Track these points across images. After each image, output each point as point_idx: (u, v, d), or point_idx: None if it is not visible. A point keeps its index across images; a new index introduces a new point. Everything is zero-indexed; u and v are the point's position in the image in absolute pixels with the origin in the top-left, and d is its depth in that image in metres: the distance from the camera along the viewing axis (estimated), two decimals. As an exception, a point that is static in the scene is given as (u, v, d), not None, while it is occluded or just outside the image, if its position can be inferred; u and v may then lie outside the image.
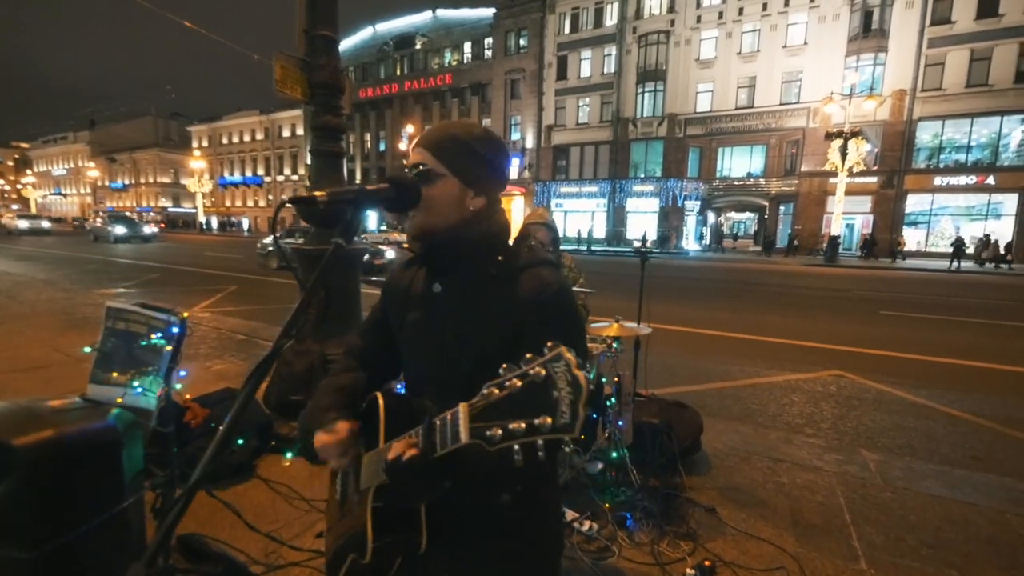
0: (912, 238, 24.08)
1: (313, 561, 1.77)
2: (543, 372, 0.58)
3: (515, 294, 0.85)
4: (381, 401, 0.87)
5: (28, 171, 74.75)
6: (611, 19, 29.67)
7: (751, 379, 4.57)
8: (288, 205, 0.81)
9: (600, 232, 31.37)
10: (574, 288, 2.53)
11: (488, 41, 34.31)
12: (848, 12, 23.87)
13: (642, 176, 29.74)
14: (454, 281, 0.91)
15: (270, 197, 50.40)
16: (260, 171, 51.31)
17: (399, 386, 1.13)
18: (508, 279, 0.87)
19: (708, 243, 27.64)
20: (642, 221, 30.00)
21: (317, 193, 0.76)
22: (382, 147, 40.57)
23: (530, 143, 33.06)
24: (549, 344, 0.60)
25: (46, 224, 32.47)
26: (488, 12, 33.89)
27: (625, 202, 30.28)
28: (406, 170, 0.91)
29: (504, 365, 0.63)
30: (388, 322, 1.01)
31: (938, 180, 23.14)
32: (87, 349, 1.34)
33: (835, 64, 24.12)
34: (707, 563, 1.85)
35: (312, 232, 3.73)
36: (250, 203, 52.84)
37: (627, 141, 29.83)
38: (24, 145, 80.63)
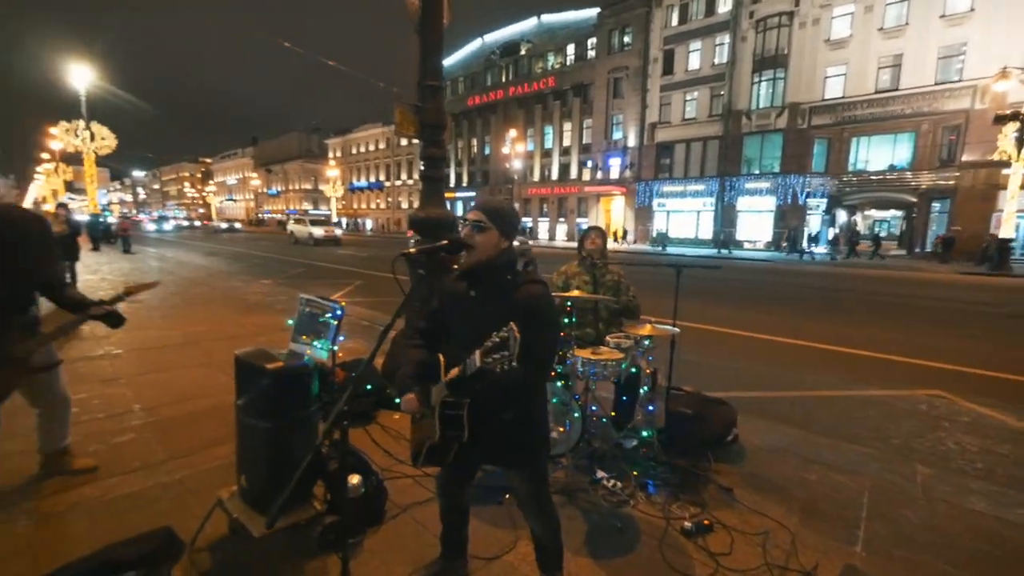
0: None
1: (406, 470, 2.58)
2: (505, 334, 1.26)
3: (514, 299, 1.51)
4: (442, 358, 1.59)
5: (210, 181, 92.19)
6: (724, 6, 27.91)
7: (827, 391, 4.53)
8: (408, 248, 1.57)
9: (706, 233, 29.77)
10: (606, 294, 3.05)
11: (591, 42, 34.36)
12: (1033, -34, 19.68)
13: (756, 172, 27.59)
14: (482, 290, 1.59)
15: (388, 199, 56.02)
16: (382, 177, 57.27)
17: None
18: (512, 290, 1.53)
19: (837, 245, 24.38)
20: (755, 221, 27.84)
21: (411, 249, 1.50)
22: (486, 151, 42.70)
23: (632, 142, 32.48)
24: (511, 324, 1.27)
25: (238, 225, 44.10)
26: (592, 13, 33.96)
27: (736, 201, 28.34)
28: (464, 220, 1.61)
29: (494, 332, 1.31)
30: (443, 313, 1.71)
31: None
32: (289, 322, 2.25)
33: (1012, 33, 20.04)
34: (706, 522, 2.27)
35: (418, 240, 4.66)
36: (372, 205, 59.26)
37: (739, 135, 27.88)
38: (208, 160, 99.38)
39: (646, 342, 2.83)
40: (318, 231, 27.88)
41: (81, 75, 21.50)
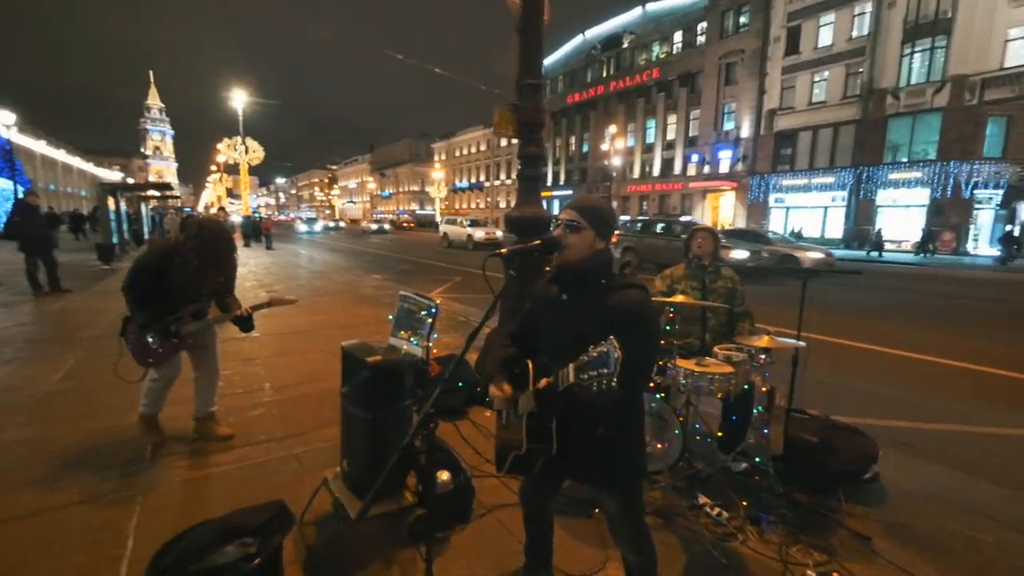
0: None
1: (493, 470, 2.56)
2: (604, 349, 1.14)
3: (609, 305, 1.37)
4: (531, 365, 1.51)
5: (335, 186, 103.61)
6: (867, -31, 24.20)
7: (1003, 428, 3.66)
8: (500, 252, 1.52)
9: (834, 231, 26.18)
10: (716, 302, 2.75)
11: (701, 26, 32.05)
12: None
13: (904, 160, 23.53)
14: (574, 294, 1.47)
15: (487, 199, 57.95)
16: (482, 177, 59.45)
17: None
18: (607, 294, 1.39)
19: (1017, 247, 19.79)
20: (900, 218, 23.77)
21: (503, 250, 1.45)
22: (584, 148, 42.08)
23: (745, 132, 29.71)
24: (610, 338, 1.14)
25: (387, 227, 47.26)
26: (703, -4, 31.66)
27: (875, 194, 24.48)
28: (557, 220, 1.52)
29: (591, 345, 1.19)
30: (534, 317, 1.63)
31: None
32: (390, 317, 2.36)
33: None
34: (835, 574, 1.92)
35: (512, 239, 4.67)
36: (472, 205, 61.77)
37: (882, 118, 24.01)
38: (333, 167, 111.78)
39: (763, 356, 2.49)
40: (478, 233, 23.55)
41: (239, 97, 25.42)
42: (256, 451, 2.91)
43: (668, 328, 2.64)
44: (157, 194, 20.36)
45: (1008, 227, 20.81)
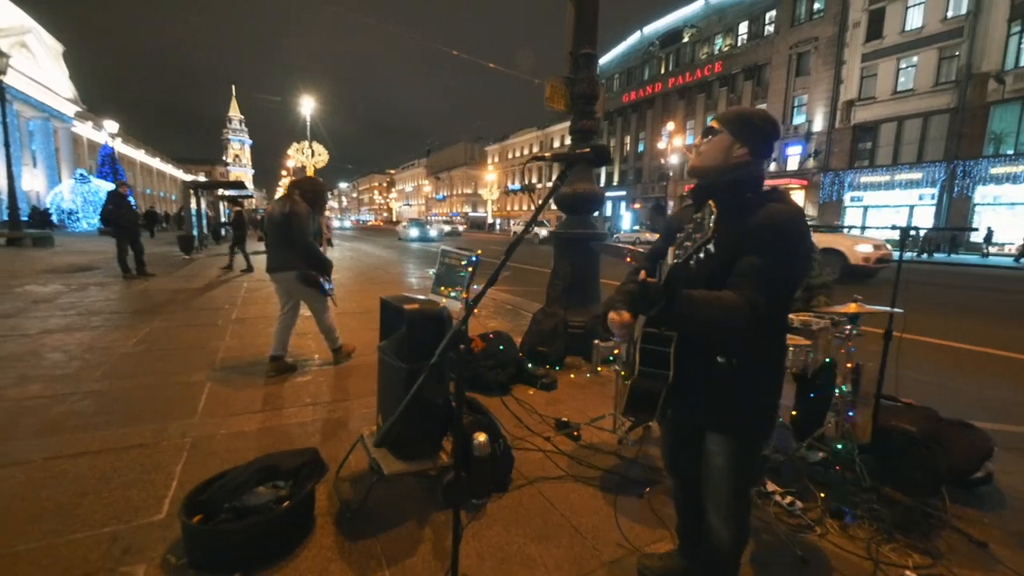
0: None
1: (537, 444, 2.40)
2: (700, 215, 1.08)
3: (752, 221, 1.14)
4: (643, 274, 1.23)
5: (392, 189, 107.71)
6: (966, -59, 21.76)
7: None
8: (537, 162, 1.36)
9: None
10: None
11: (770, 15, 30.22)
12: None
13: (1010, 153, 20.84)
14: (710, 211, 1.24)
15: (539, 201, 57.86)
16: (534, 179, 59.39)
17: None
18: (749, 211, 1.16)
19: None
20: (1004, 217, 21.07)
21: (547, 154, 1.28)
22: (640, 148, 40.95)
23: (818, 126, 27.61)
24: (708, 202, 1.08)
25: (460, 228, 42.84)
26: (772, -18, 29.82)
27: (972, 190, 21.85)
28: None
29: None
30: (664, 246, 1.39)
31: None
32: (431, 272, 2.28)
33: None
34: (942, 578, 1.59)
35: (564, 219, 4.49)
36: (524, 207, 61.87)
37: (983, 105, 21.41)
38: (391, 171, 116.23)
39: (848, 326, 2.15)
40: (542, 232, 24.10)
41: (307, 104, 27.01)
42: (303, 411, 2.94)
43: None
44: (233, 193, 22.03)
45: None
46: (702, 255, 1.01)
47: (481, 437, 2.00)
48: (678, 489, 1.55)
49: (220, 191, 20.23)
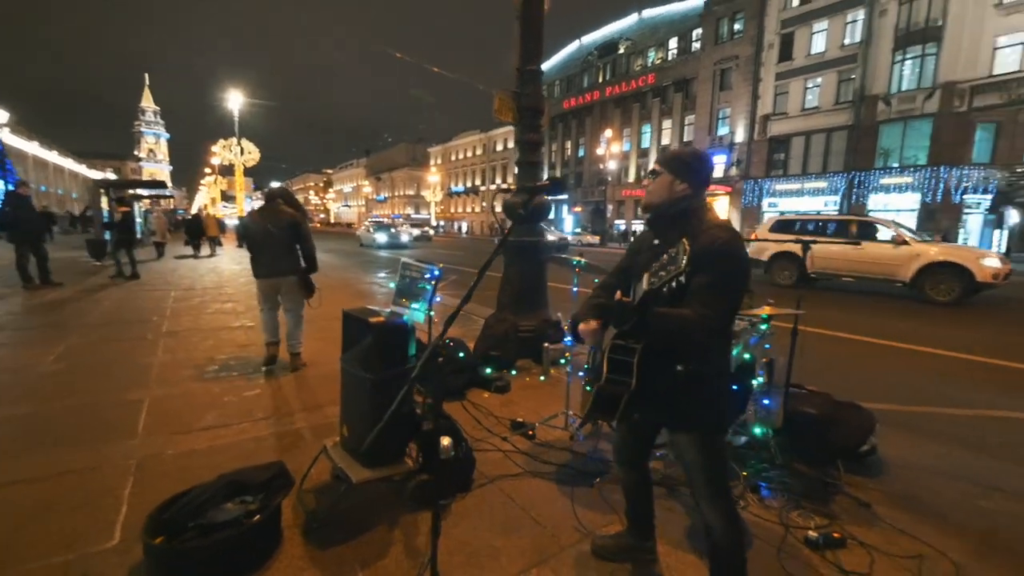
0: None
1: (495, 444, 2.56)
2: (674, 250, 1.20)
3: (698, 245, 1.32)
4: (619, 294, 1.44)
5: (330, 190, 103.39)
6: (859, -22, 24.61)
7: (1005, 411, 3.68)
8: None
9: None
10: None
11: (696, 33, 32.43)
12: None
13: (896, 166, 23.83)
14: (665, 238, 1.47)
15: (483, 203, 58.09)
16: (477, 181, 59.56)
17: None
18: (695, 237, 1.35)
19: (1004, 249, 20.38)
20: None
21: (510, 188, 1.44)
22: (580, 153, 42.31)
23: (740, 137, 29.99)
24: (682, 240, 1.22)
25: (429, 231, 36.35)
26: (697, 3, 32.06)
27: (867, 198, 24.73)
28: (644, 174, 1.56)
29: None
30: (628, 264, 1.62)
31: None
32: (392, 284, 2.35)
33: None
34: (836, 535, 1.92)
35: (512, 228, 4.67)
36: (468, 209, 61.84)
37: (874, 123, 24.32)
38: (329, 171, 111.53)
39: (763, 327, 2.49)
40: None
41: (235, 99, 25.35)
42: (257, 427, 2.88)
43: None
44: (151, 193, 20.20)
45: (1000, 232, 21.14)
46: (674, 284, 1.20)
47: (445, 441, 2.10)
48: (628, 478, 1.76)
49: (135, 191, 18.53)
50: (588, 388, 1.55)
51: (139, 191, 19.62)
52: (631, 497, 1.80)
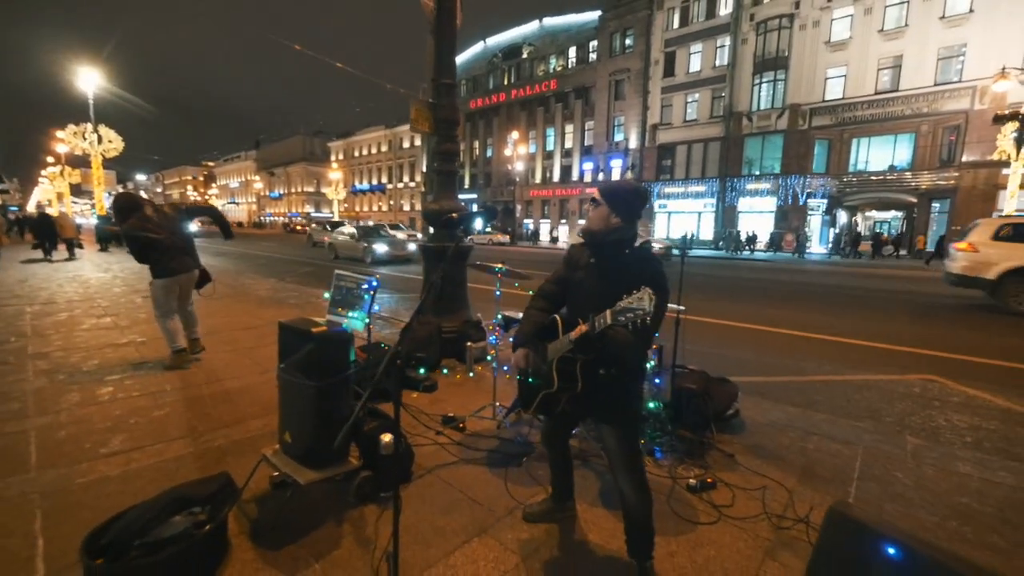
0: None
1: (430, 438, 2.78)
2: (640, 294, 1.44)
3: (639, 272, 1.62)
4: (559, 319, 1.79)
5: (213, 184, 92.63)
6: (725, 8, 28.22)
7: (825, 375, 4.70)
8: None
9: (707, 234, 29.97)
10: None
11: (593, 44, 34.67)
12: (1031, -32, 19.92)
13: (757, 173, 27.81)
14: (600, 256, 1.75)
15: (391, 202, 56.35)
16: (384, 179, 57.59)
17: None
18: (629, 262, 1.68)
19: (839, 245, 24.98)
20: (756, 221, 28.04)
21: (454, 214, 1.69)
22: (489, 153, 42.97)
23: (633, 143, 32.73)
24: (642, 287, 1.46)
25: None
26: (593, 16, 34.27)
27: (736, 201, 28.57)
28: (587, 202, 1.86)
29: (624, 295, 1.49)
30: (566, 276, 1.88)
31: None
32: (326, 295, 2.45)
33: (1010, 33, 20.30)
34: (708, 479, 2.46)
35: (432, 233, 4.85)
36: (375, 208, 59.54)
37: (740, 137, 28.13)
38: (210, 164, 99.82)
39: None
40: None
41: (89, 79, 21.77)
42: (174, 446, 2.76)
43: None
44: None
45: (833, 230, 25.85)
46: (639, 323, 1.45)
47: (386, 438, 2.28)
48: (553, 455, 2.12)
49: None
50: (531, 381, 1.87)
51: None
52: (556, 470, 2.15)
